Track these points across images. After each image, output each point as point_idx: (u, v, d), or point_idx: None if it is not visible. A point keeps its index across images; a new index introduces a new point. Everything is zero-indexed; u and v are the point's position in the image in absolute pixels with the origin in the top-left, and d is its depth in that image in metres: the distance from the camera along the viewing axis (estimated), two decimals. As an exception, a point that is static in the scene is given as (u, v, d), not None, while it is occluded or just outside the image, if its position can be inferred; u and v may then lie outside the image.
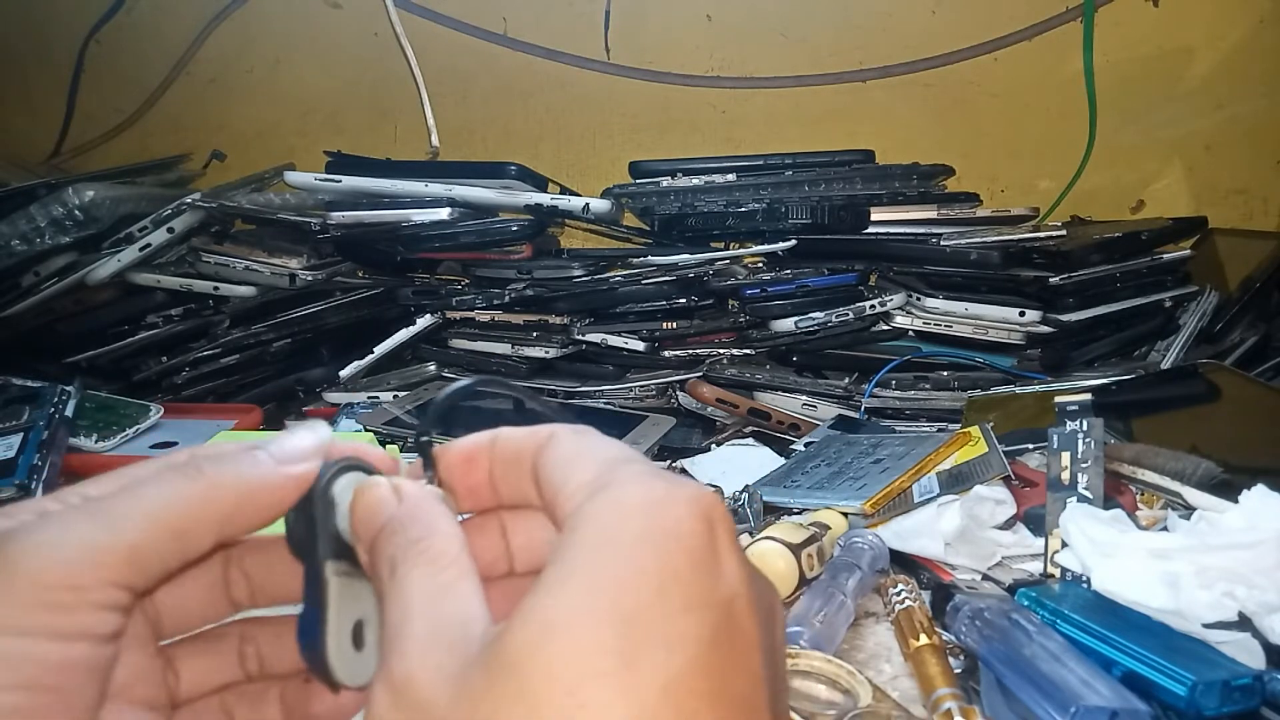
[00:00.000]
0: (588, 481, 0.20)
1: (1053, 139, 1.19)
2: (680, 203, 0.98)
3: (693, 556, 0.19)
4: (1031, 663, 0.41)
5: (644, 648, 0.17)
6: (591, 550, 0.19)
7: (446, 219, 0.93)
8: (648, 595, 0.18)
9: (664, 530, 0.19)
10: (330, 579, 0.23)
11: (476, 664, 0.18)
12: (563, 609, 0.18)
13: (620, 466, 0.21)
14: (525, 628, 0.18)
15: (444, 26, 1.22)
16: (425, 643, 0.19)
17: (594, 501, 0.20)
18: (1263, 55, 1.16)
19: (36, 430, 0.69)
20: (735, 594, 0.19)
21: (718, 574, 0.19)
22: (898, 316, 0.91)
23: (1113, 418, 0.70)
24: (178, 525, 0.21)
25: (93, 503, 0.21)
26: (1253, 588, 0.42)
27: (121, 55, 1.28)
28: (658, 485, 0.20)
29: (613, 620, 0.17)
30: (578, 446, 0.22)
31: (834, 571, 0.51)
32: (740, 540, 0.58)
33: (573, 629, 0.17)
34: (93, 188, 0.93)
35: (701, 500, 0.20)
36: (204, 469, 0.22)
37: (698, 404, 0.88)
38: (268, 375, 0.96)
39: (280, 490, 0.23)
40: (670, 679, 0.17)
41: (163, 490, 0.22)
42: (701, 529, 0.19)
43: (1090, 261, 0.90)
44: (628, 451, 0.22)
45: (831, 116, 1.22)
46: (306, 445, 0.24)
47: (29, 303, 0.93)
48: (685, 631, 0.18)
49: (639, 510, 0.19)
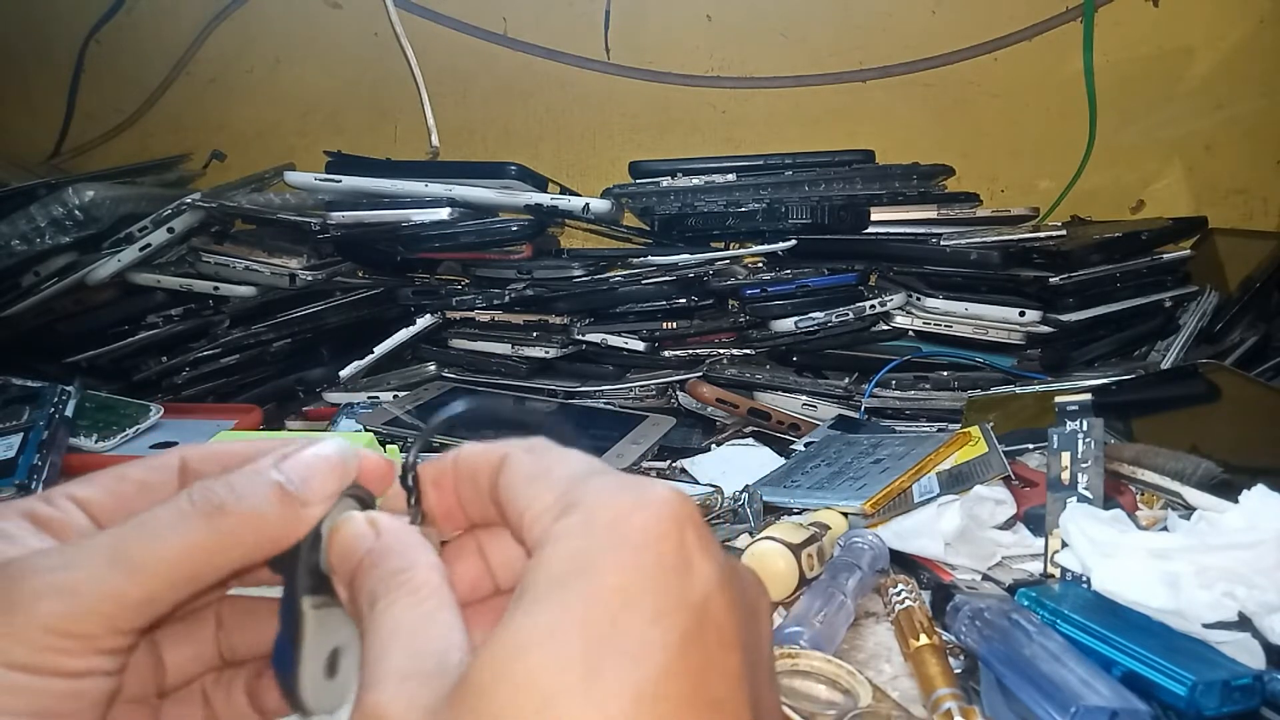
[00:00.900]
0: (550, 505, 0.20)
1: (1053, 139, 1.19)
2: (680, 203, 0.98)
3: (661, 563, 0.19)
4: (1031, 663, 0.41)
5: (611, 659, 0.17)
6: (559, 573, 0.19)
7: (446, 219, 0.93)
8: (616, 608, 0.18)
9: (630, 540, 0.19)
10: (307, 613, 0.23)
11: (454, 692, 0.18)
12: (531, 631, 0.18)
13: (581, 483, 0.21)
14: (495, 653, 0.18)
15: (444, 26, 1.22)
16: (400, 675, 0.19)
17: (560, 524, 0.20)
18: (1263, 55, 1.16)
19: (36, 430, 0.69)
20: (708, 595, 0.19)
21: (689, 576, 0.19)
22: (898, 316, 0.91)
23: (1113, 418, 0.70)
24: (195, 571, 0.21)
25: (112, 542, 0.21)
26: (1253, 588, 0.42)
27: (121, 55, 1.28)
28: (622, 497, 0.20)
29: (583, 637, 0.17)
30: (534, 466, 0.22)
31: (834, 571, 0.51)
32: (722, 540, 0.58)
33: (541, 648, 0.17)
34: (93, 188, 0.93)
35: (667, 504, 0.20)
36: (227, 511, 0.22)
37: (698, 404, 0.88)
38: (268, 375, 0.96)
39: (298, 532, 0.23)
40: (641, 688, 0.17)
41: (183, 535, 0.21)
42: (669, 532, 0.19)
43: (1090, 261, 0.90)
44: (587, 463, 0.22)
45: (831, 116, 1.22)
46: (331, 485, 0.23)
47: (29, 303, 0.93)
48: (654, 639, 0.18)
49: (604, 527, 0.19)
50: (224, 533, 0.21)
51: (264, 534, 0.22)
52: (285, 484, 0.22)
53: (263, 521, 0.22)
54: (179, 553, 0.21)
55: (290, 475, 0.22)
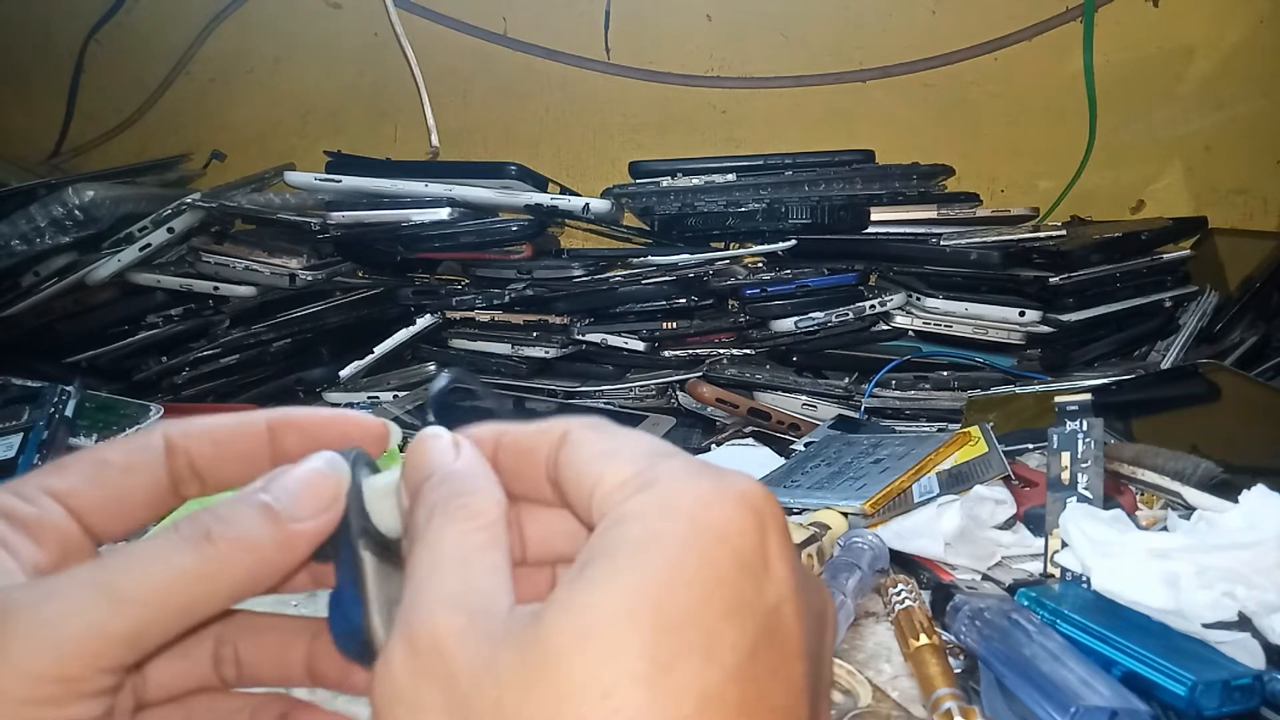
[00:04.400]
0: (627, 479, 0.20)
1: (1053, 139, 1.19)
2: (680, 203, 0.98)
3: (740, 560, 0.18)
4: (1031, 663, 0.41)
5: (683, 655, 0.17)
6: (636, 551, 0.18)
7: (446, 219, 0.93)
8: (691, 601, 0.17)
9: (712, 531, 0.18)
10: (364, 555, 0.22)
11: (508, 644, 0.17)
12: (604, 608, 0.17)
13: (660, 462, 0.20)
14: (566, 620, 0.17)
15: (444, 26, 1.22)
16: (452, 603, 0.18)
17: (637, 500, 0.19)
18: (1263, 55, 1.16)
19: (36, 430, 0.69)
20: (782, 599, 0.19)
21: (765, 579, 0.18)
22: (898, 316, 0.91)
23: (1113, 418, 0.70)
24: (186, 602, 0.20)
25: (97, 574, 0.19)
26: (1253, 588, 0.42)
27: (121, 55, 1.28)
28: (704, 482, 0.19)
29: (654, 625, 0.17)
30: (605, 443, 0.21)
31: (834, 571, 0.51)
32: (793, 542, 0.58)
33: (613, 630, 0.17)
34: (93, 188, 0.93)
35: (752, 498, 0.19)
36: (214, 538, 0.20)
37: (698, 404, 0.88)
38: (268, 375, 0.96)
39: (297, 551, 0.22)
40: (707, 688, 0.17)
41: (171, 566, 0.20)
42: (751, 529, 0.19)
43: (1090, 261, 0.90)
44: (661, 444, 0.21)
45: (831, 116, 1.22)
46: (323, 497, 0.22)
47: (29, 303, 0.93)
48: (726, 639, 0.17)
49: (685, 510, 0.18)
50: (214, 560, 0.20)
51: (257, 558, 0.21)
52: (273, 504, 0.21)
53: (254, 546, 0.21)
54: (168, 583, 0.20)
55: (279, 495, 0.22)
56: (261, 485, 0.22)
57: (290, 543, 0.21)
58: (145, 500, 0.23)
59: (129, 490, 0.23)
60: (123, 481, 0.23)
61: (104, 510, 0.22)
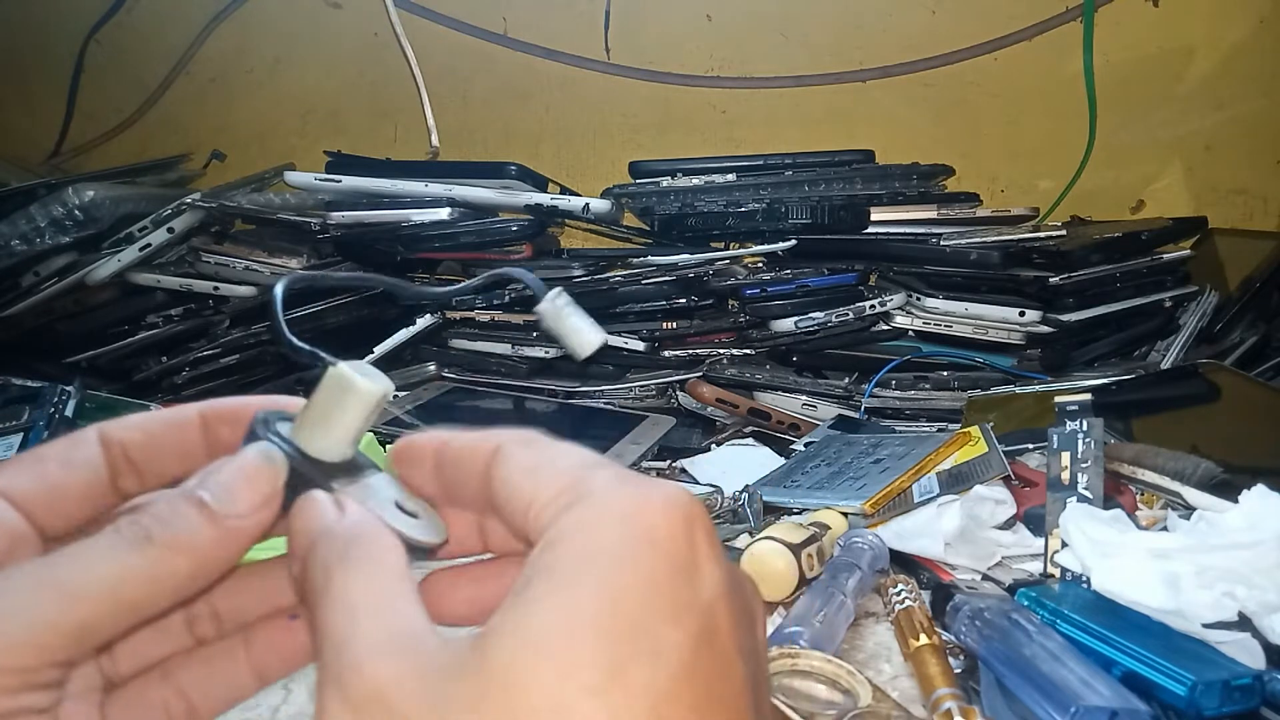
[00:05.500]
0: (558, 493, 0.20)
1: (1053, 139, 1.19)
2: (680, 203, 0.98)
3: (673, 562, 0.19)
4: (1031, 663, 0.41)
5: (633, 661, 0.17)
6: (573, 566, 0.18)
7: (446, 219, 0.93)
8: (632, 608, 0.18)
9: (643, 538, 0.19)
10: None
11: (454, 676, 0.17)
12: (550, 626, 0.17)
13: (588, 475, 0.20)
14: (512, 642, 0.17)
15: (444, 26, 1.22)
16: (382, 650, 0.18)
17: (569, 516, 0.19)
18: (1263, 55, 1.16)
19: (36, 430, 0.69)
20: (716, 597, 0.19)
21: (698, 579, 0.19)
22: (898, 316, 0.91)
23: (1113, 418, 0.70)
24: (131, 599, 0.20)
25: (46, 571, 0.20)
26: (1253, 588, 0.42)
27: (121, 55, 1.28)
28: (632, 492, 0.20)
29: (601, 636, 0.17)
30: (534, 458, 0.21)
31: (834, 571, 0.51)
32: (722, 539, 0.58)
33: (562, 646, 0.17)
34: (93, 188, 0.93)
35: (678, 503, 0.19)
36: (153, 537, 0.21)
37: (698, 404, 0.88)
38: (268, 375, 0.96)
39: (239, 546, 0.22)
40: (660, 690, 0.17)
41: (117, 563, 0.20)
42: (680, 532, 0.19)
43: (1090, 261, 0.90)
44: (589, 456, 0.21)
45: (831, 116, 1.21)
46: (261, 491, 0.22)
47: (29, 303, 0.93)
48: (670, 641, 0.18)
49: (617, 520, 0.19)
50: (157, 561, 0.20)
51: (199, 556, 0.21)
52: (210, 502, 0.21)
53: (193, 546, 0.21)
54: (114, 580, 0.20)
55: (216, 492, 0.22)
56: (198, 481, 0.22)
57: (229, 539, 0.22)
58: (84, 493, 0.23)
59: (67, 484, 0.23)
60: (61, 476, 0.23)
61: (46, 505, 0.23)
